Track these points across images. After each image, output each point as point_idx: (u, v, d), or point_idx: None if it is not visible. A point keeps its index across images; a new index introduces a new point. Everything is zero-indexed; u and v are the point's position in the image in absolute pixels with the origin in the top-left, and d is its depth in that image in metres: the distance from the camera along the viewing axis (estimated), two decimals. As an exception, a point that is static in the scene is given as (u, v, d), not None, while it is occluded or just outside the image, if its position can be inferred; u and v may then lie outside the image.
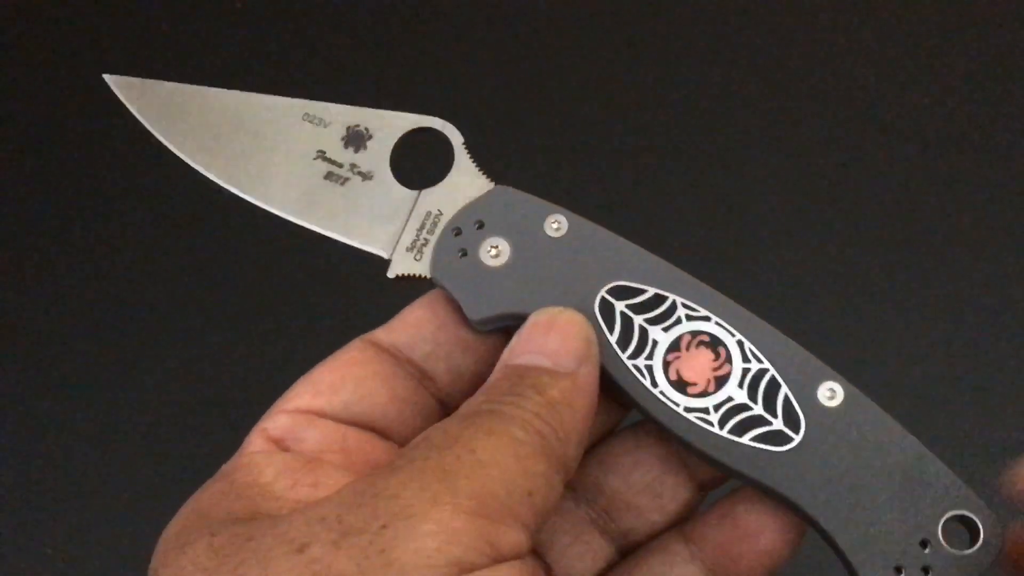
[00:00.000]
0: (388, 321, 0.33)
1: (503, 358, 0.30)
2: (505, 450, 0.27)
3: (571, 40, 0.71)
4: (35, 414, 0.63)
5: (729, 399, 0.31)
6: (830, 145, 0.68)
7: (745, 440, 0.30)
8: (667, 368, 0.31)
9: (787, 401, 0.30)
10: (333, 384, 0.31)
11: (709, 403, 0.31)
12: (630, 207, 0.66)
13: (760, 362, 0.31)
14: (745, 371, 0.31)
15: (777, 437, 0.30)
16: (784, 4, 0.71)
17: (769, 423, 0.30)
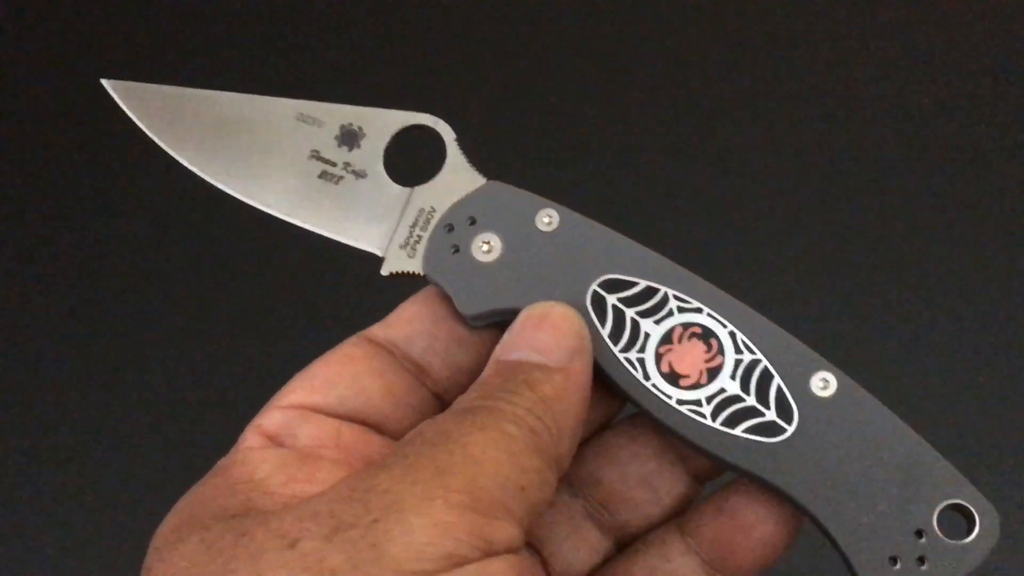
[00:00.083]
0: (384, 317, 0.33)
1: (495, 353, 0.30)
2: (498, 446, 0.27)
3: (562, 35, 0.71)
4: (35, 414, 0.63)
5: (722, 391, 0.31)
6: (822, 137, 0.68)
7: (738, 432, 0.30)
8: (659, 361, 0.31)
9: (780, 392, 0.30)
10: (328, 380, 0.31)
11: (701, 395, 0.31)
12: (621, 200, 0.66)
13: (752, 353, 0.31)
14: (737, 362, 0.31)
15: (770, 428, 0.30)
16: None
17: (762, 414, 0.30)
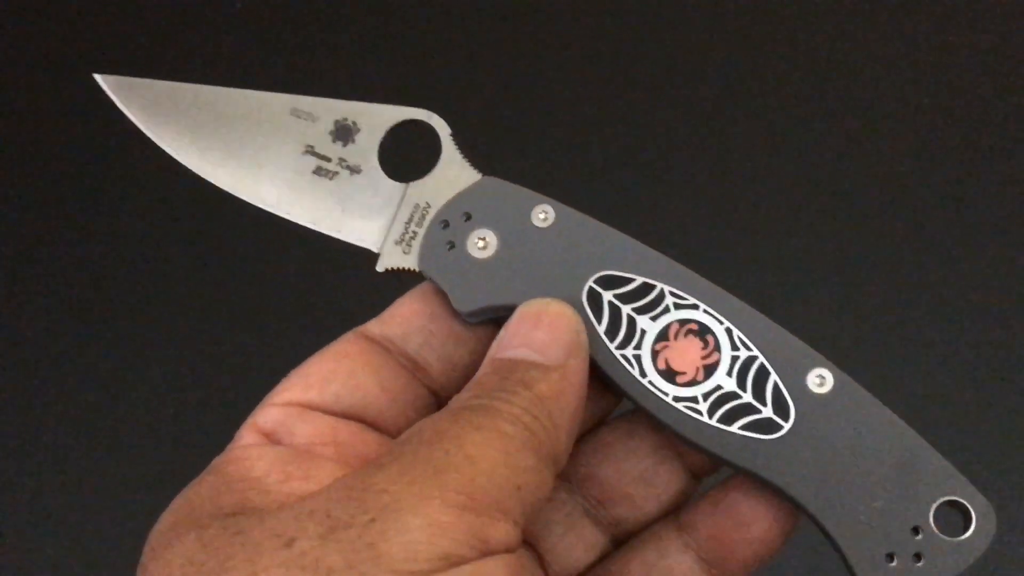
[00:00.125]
0: (380, 313, 0.33)
1: (491, 351, 0.30)
2: (494, 445, 0.27)
3: (557, 29, 0.71)
4: (35, 414, 0.63)
5: (718, 387, 0.30)
6: (819, 132, 0.68)
7: (734, 429, 0.30)
8: (655, 357, 0.31)
9: (776, 389, 0.30)
10: (324, 376, 0.31)
11: (698, 392, 0.30)
12: (617, 196, 0.66)
13: (749, 350, 0.30)
14: (734, 359, 0.30)
15: (767, 425, 0.30)
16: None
17: (758, 411, 0.30)
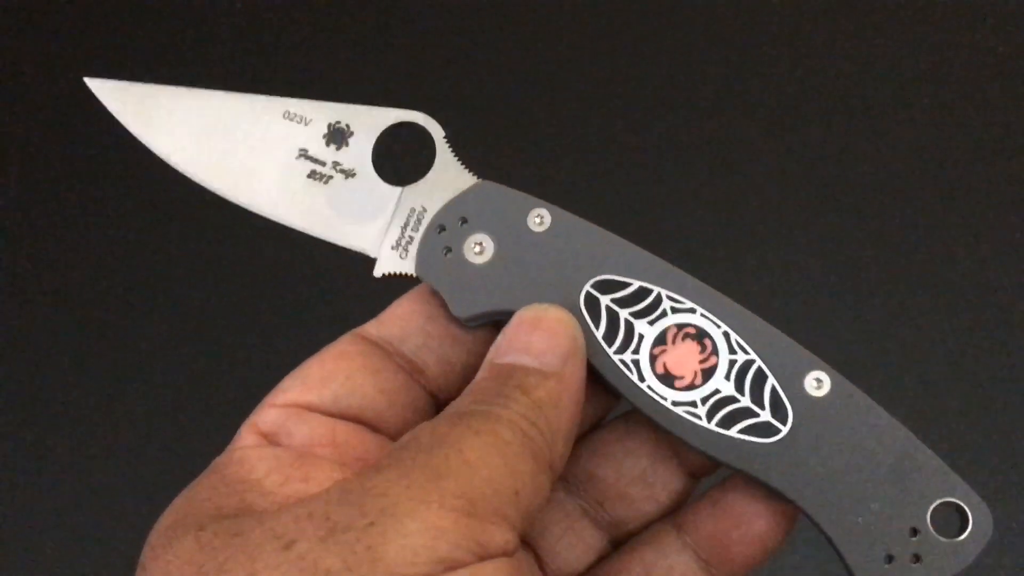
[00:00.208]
0: (378, 315, 0.33)
1: (489, 356, 0.30)
2: (492, 450, 0.27)
3: (552, 32, 0.71)
4: (35, 414, 0.63)
5: (716, 392, 0.30)
6: (816, 133, 0.68)
7: (733, 432, 0.30)
8: (654, 362, 0.31)
9: (774, 392, 0.30)
10: (323, 378, 0.31)
11: (696, 396, 0.30)
12: (613, 199, 0.66)
13: (746, 353, 0.31)
14: (732, 363, 0.31)
15: (765, 429, 0.30)
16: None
17: (756, 415, 0.30)
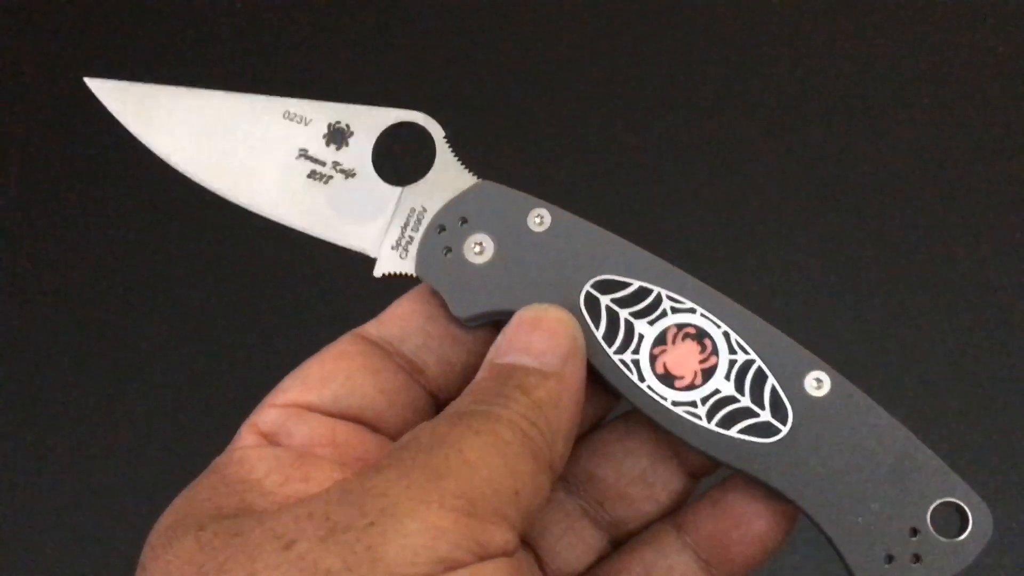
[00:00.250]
0: (378, 315, 0.33)
1: (489, 356, 0.30)
2: (492, 450, 0.27)
3: (552, 32, 0.71)
4: (35, 414, 0.63)
5: (716, 392, 0.30)
6: (816, 133, 0.68)
7: (733, 433, 0.30)
8: (654, 362, 0.31)
9: (774, 392, 0.30)
10: (323, 378, 0.31)
11: (696, 396, 0.30)
12: (613, 199, 0.66)
13: (746, 353, 0.31)
14: (732, 363, 0.31)
15: (765, 429, 0.30)
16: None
17: (756, 415, 0.30)
